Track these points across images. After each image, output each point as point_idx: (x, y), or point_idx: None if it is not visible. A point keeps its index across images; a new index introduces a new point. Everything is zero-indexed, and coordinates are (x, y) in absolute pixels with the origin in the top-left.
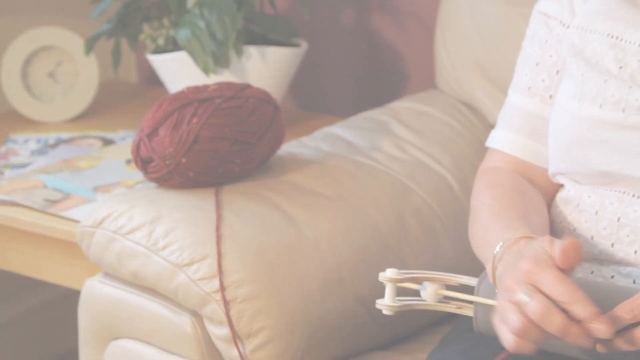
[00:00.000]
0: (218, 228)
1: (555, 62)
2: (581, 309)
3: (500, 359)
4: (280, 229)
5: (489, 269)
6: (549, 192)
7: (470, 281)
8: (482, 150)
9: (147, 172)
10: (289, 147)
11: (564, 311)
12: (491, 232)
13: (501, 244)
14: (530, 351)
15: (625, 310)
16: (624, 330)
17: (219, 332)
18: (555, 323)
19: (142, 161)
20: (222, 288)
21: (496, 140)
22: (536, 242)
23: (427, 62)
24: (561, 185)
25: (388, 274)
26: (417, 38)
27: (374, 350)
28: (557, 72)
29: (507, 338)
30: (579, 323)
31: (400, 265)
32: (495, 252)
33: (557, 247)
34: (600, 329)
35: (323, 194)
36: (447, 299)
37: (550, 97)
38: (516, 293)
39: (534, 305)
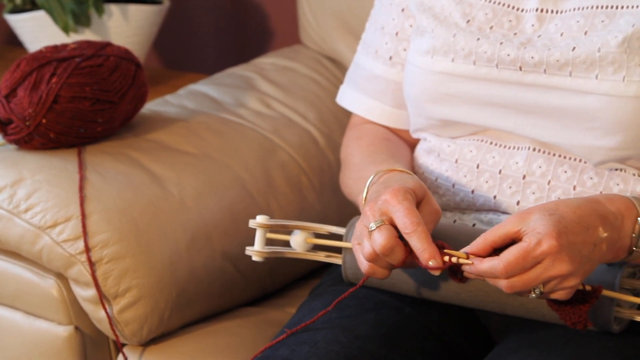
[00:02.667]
0: (81, 189)
1: (396, 24)
2: (417, 242)
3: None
4: (145, 188)
5: (360, 200)
6: (411, 146)
7: (339, 230)
8: None
9: (7, 134)
10: (153, 106)
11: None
12: (363, 170)
13: (373, 176)
14: (383, 277)
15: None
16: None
17: (85, 293)
18: (395, 256)
19: (1, 123)
20: (87, 249)
21: (351, 102)
22: (411, 180)
23: (290, 17)
24: (422, 138)
25: (258, 220)
26: None
27: (244, 306)
28: (397, 34)
29: (362, 262)
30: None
31: None
32: (368, 183)
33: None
34: (431, 264)
35: (188, 152)
36: (316, 248)
37: (391, 58)
38: (369, 220)
39: (377, 237)
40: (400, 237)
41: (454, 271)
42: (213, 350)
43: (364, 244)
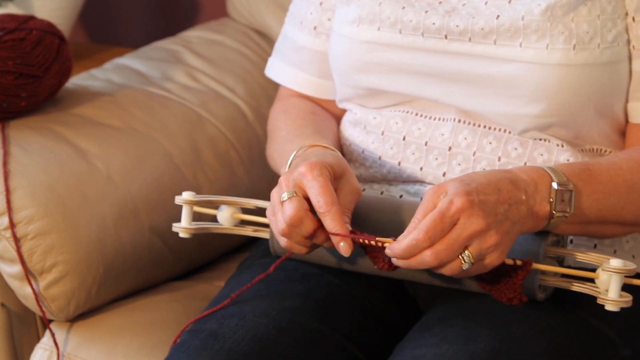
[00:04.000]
0: (5, 164)
1: None
2: (330, 222)
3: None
4: (71, 162)
5: (283, 173)
6: (338, 117)
7: (266, 204)
8: None
9: None
10: (78, 80)
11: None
12: (288, 145)
13: (297, 150)
14: (301, 253)
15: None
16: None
17: (10, 270)
18: (305, 227)
19: None
20: (12, 225)
21: (277, 73)
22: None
23: None
24: (349, 110)
25: (184, 196)
26: None
27: (173, 280)
28: (321, 3)
29: (278, 237)
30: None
31: None
32: (291, 157)
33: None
34: (342, 246)
35: (114, 126)
36: (243, 223)
37: (315, 28)
38: (282, 190)
39: (287, 208)
40: (313, 211)
41: (382, 258)
42: (142, 324)
43: (277, 217)
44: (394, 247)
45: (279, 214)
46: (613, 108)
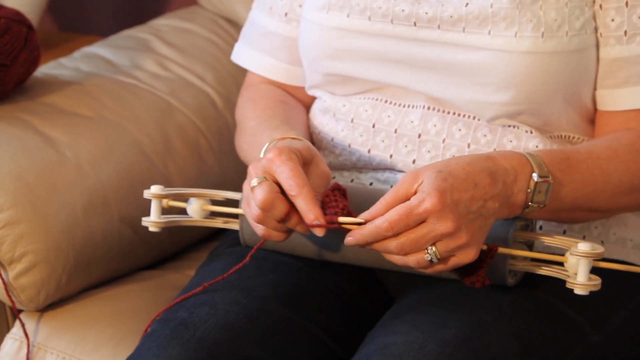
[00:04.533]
0: None
1: None
2: (303, 204)
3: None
4: (40, 151)
5: None
6: (307, 104)
7: (236, 195)
8: None
9: None
10: (47, 69)
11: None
12: (258, 136)
13: (268, 143)
14: (279, 239)
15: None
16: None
17: None
18: (277, 210)
19: None
20: None
21: (245, 59)
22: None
23: None
24: (318, 97)
25: (153, 190)
26: None
27: (144, 270)
28: None
29: (255, 225)
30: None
31: (166, 184)
32: (264, 150)
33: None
34: (316, 230)
35: (83, 115)
36: (213, 214)
37: (286, 14)
38: (252, 178)
39: (257, 193)
40: (286, 195)
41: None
42: (112, 314)
43: (251, 205)
44: (356, 234)
45: (252, 202)
46: (581, 96)
